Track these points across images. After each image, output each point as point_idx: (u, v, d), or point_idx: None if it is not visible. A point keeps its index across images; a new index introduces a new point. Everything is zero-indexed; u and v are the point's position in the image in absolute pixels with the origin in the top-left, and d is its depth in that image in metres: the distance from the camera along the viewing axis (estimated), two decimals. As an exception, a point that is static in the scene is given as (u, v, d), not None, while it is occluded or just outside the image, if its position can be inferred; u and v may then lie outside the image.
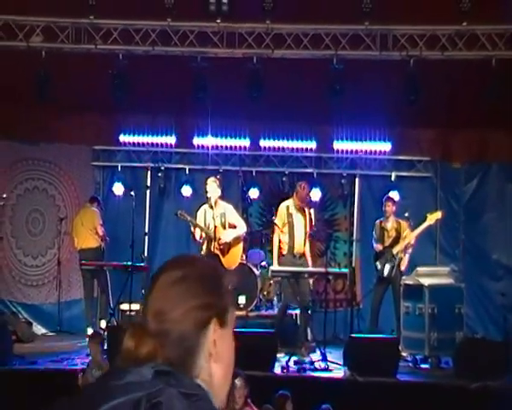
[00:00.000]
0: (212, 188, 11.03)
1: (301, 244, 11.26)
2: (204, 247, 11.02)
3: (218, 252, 10.97)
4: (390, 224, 11.66)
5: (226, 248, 11.06)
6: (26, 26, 11.02)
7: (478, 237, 13.34)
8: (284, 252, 11.27)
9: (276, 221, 11.38)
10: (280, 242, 11.26)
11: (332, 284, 12.16)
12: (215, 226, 10.94)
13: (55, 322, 13.03)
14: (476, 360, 9.55)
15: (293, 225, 11.24)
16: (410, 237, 11.45)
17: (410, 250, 11.51)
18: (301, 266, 11.16)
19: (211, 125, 12.93)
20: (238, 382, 6.86)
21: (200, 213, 11.07)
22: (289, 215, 11.26)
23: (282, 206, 11.42)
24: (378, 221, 11.89)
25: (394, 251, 11.44)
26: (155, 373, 1.87)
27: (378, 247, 11.60)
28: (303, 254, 11.29)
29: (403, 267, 11.39)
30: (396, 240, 11.53)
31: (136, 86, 11.13)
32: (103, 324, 11.89)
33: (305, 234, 11.28)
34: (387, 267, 11.36)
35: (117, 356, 1.96)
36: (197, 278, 2.05)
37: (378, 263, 11.51)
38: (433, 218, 11.44)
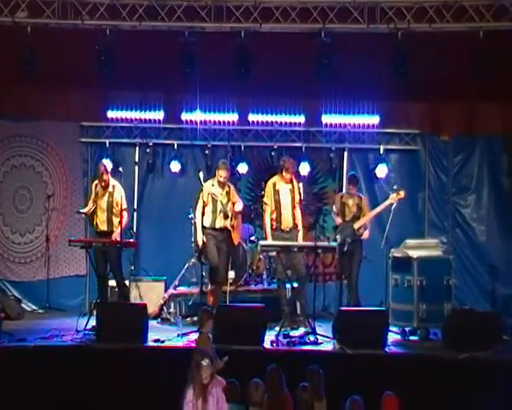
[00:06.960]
0: (225, 173, 11.45)
1: (289, 219, 11.33)
2: (215, 220, 11.39)
3: (230, 228, 11.47)
4: (352, 200, 11.65)
5: (235, 224, 11.59)
6: (11, 1, 10.92)
7: (466, 210, 13.37)
8: (273, 227, 11.35)
9: (264, 200, 11.52)
10: (272, 219, 11.38)
11: (321, 258, 12.17)
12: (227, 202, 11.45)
13: (44, 299, 13.01)
14: (464, 332, 9.62)
15: (279, 201, 11.34)
16: (370, 214, 11.52)
17: (368, 226, 11.56)
18: (290, 239, 11.19)
19: (199, 101, 12.86)
20: (205, 363, 7.01)
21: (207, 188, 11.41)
22: (276, 192, 11.38)
23: (269, 183, 11.54)
24: (339, 195, 11.99)
25: (356, 226, 11.45)
26: None
27: (338, 220, 11.62)
28: (292, 228, 11.35)
29: (364, 237, 11.45)
30: (357, 215, 11.55)
31: (123, 62, 11.07)
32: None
33: (293, 208, 11.35)
34: (348, 241, 11.33)
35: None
36: None
37: (338, 236, 11.48)
38: (396, 197, 11.38)
